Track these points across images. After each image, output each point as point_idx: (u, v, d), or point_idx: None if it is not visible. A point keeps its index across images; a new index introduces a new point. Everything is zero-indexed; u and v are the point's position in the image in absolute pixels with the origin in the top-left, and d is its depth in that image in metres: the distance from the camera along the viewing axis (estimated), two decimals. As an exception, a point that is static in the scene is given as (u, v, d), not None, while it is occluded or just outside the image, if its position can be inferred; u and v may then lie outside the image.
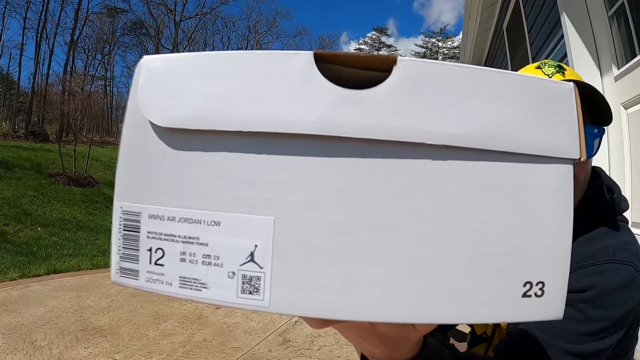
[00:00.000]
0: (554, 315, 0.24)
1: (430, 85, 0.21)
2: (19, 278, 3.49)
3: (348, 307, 0.21)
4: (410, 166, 0.21)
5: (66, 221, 6.64)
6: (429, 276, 0.21)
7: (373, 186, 0.21)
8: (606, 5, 2.09)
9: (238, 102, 0.21)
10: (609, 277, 0.55)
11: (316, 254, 0.21)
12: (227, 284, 0.22)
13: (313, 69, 0.21)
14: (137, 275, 0.23)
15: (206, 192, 0.22)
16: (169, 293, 0.23)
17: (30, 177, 8.51)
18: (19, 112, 24.71)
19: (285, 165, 0.21)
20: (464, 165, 0.22)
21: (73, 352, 1.97)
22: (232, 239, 0.22)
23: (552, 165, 0.22)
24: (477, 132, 0.21)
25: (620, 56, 2.03)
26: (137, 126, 0.23)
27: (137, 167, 0.23)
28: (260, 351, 2.05)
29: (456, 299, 0.22)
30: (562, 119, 0.22)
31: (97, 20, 28.48)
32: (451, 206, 0.21)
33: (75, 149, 9.61)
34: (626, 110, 1.95)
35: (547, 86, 0.22)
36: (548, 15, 2.71)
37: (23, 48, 25.03)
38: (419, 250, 0.21)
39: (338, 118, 0.21)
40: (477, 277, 0.22)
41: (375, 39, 39.81)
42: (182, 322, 2.45)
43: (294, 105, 0.21)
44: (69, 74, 19.31)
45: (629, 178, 1.93)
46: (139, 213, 0.23)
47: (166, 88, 0.23)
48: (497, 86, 0.22)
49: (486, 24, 5.21)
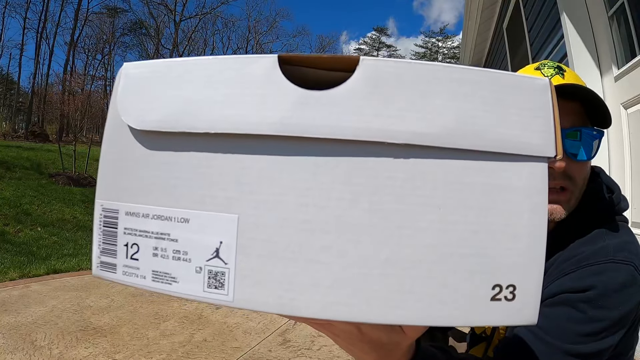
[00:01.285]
0: (527, 321, 0.22)
1: (392, 84, 0.21)
2: (19, 278, 3.49)
3: (308, 305, 0.21)
4: (370, 165, 0.21)
5: (66, 221, 6.64)
6: (390, 276, 0.21)
7: (333, 186, 0.21)
8: (606, 5, 2.09)
9: (205, 106, 0.22)
10: (610, 277, 0.55)
11: (277, 252, 0.21)
12: (194, 278, 0.22)
13: (276, 71, 0.22)
14: (115, 269, 0.24)
15: (176, 191, 0.23)
16: (143, 286, 0.24)
17: (30, 177, 8.51)
18: (19, 112, 24.71)
19: (248, 165, 0.22)
20: (427, 163, 0.21)
21: (73, 352, 1.97)
22: (199, 236, 0.22)
23: (525, 164, 0.22)
24: (440, 130, 0.21)
25: (620, 56, 2.02)
26: (116, 129, 0.24)
27: (116, 167, 0.24)
28: (260, 351, 2.05)
29: (420, 300, 0.21)
30: (536, 116, 0.22)
31: (97, 20, 28.48)
32: (413, 205, 0.21)
33: (75, 149, 9.61)
34: (626, 110, 1.95)
35: (521, 82, 0.22)
36: (548, 15, 2.71)
37: (23, 48, 25.06)
38: (379, 250, 0.21)
39: (298, 119, 0.21)
40: (442, 278, 0.21)
41: (375, 39, 39.82)
42: (182, 322, 2.45)
43: (255, 107, 0.21)
44: (69, 74, 19.32)
45: (629, 178, 1.93)
46: (117, 210, 0.24)
47: (142, 93, 0.24)
48: (464, 83, 0.21)
49: (486, 24, 5.21)
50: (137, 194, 0.24)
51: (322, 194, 0.21)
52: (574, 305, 0.55)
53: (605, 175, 0.69)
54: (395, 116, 0.21)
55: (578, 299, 0.55)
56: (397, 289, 0.21)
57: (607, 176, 0.69)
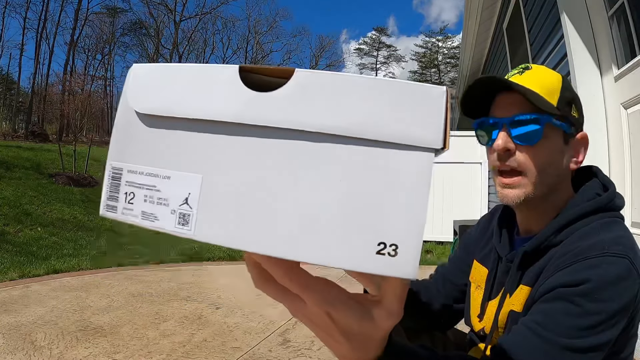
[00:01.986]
0: (406, 274, 0.28)
1: (315, 89, 0.30)
2: (19, 278, 3.49)
3: (243, 239, 0.31)
4: (293, 146, 0.30)
5: (66, 221, 6.64)
6: (302, 225, 0.29)
7: (268, 158, 0.31)
8: (606, 5, 2.09)
9: (187, 99, 0.33)
10: (605, 270, 0.55)
11: (227, 202, 0.31)
12: (170, 218, 0.33)
13: (236, 77, 0.32)
14: (116, 210, 0.35)
15: (163, 157, 0.34)
16: (134, 222, 0.34)
17: (30, 177, 8.51)
18: (19, 112, 24.70)
19: (213, 141, 0.32)
20: (336, 147, 0.29)
21: (73, 352, 1.97)
22: (175, 189, 0.33)
23: (417, 153, 0.29)
24: (348, 123, 0.29)
25: (620, 56, 2.03)
26: (125, 111, 0.35)
27: (123, 138, 0.35)
28: (260, 351, 2.05)
29: (321, 246, 0.29)
30: (430, 116, 0.29)
31: (97, 20, 28.49)
32: (323, 175, 0.30)
33: (75, 149, 9.61)
34: (626, 110, 1.95)
35: (421, 90, 0.29)
36: (548, 15, 2.71)
37: (23, 48, 25.05)
38: (296, 205, 0.30)
39: (248, 111, 0.31)
40: (339, 231, 0.29)
41: (375, 39, 39.82)
42: (182, 322, 2.45)
43: (220, 102, 0.32)
44: (69, 74, 19.31)
45: (629, 178, 1.93)
46: (122, 169, 0.35)
47: (145, 87, 0.35)
48: (373, 89, 0.29)
49: (486, 24, 5.21)
50: (137, 158, 0.34)
51: (260, 163, 0.31)
52: (570, 299, 0.55)
53: (602, 174, 0.70)
54: (314, 112, 0.30)
55: (574, 293, 0.55)
56: (306, 235, 0.29)
57: (603, 175, 0.70)
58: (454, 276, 0.88)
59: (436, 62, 37.86)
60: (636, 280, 0.56)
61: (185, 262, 4.49)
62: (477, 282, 0.80)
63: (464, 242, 0.91)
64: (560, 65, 2.48)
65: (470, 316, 0.80)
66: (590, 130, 2.06)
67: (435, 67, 37.91)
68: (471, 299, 0.81)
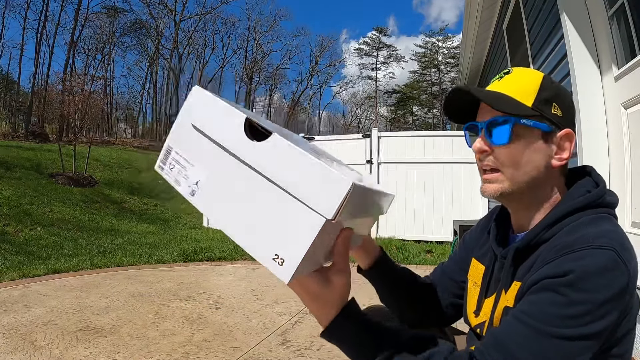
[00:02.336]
0: (282, 279, 0.49)
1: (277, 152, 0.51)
2: (19, 278, 3.49)
3: (217, 220, 0.54)
4: (255, 177, 0.52)
5: (66, 221, 6.64)
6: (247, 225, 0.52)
7: (242, 177, 0.53)
8: (606, 5, 2.09)
9: (216, 127, 0.56)
10: (589, 261, 0.56)
11: (217, 192, 0.55)
12: (187, 189, 0.57)
13: (242, 126, 0.54)
14: (163, 170, 0.60)
15: (195, 153, 0.57)
16: (169, 181, 0.59)
17: (30, 177, 8.51)
18: (19, 112, 24.68)
19: (221, 156, 0.55)
20: (273, 187, 0.50)
21: (73, 352, 1.97)
22: (194, 173, 0.57)
23: (314, 213, 0.48)
24: (284, 179, 0.50)
25: (620, 56, 2.02)
26: (184, 119, 0.59)
27: (179, 130, 0.59)
28: (260, 351, 2.05)
29: (252, 240, 0.51)
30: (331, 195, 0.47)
31: (97, 20, 28.47)
32: (263, 201, 0.51)
33: (75, 149, 9.60)
34: (626, 110, 1.95)
35: (329, 175, 0.47)
36: (548, 15, 2.71)
37: (23, 48, 25.03)
38: (248, 210, 0.52)
39: (240, 148, 0.53)
40: (260, 236, 0.50)
41: (375, 39, 39.80)
42: (182, 322, 2.45)
43: (229, 136, 0.54)
44: (69, 74, 19.30)
45: (629, 178, 1.92)
46: (172, 148, 0.60)
47: (198, 110, 0.58)
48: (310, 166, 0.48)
49: (486, 24, 5.21)
50: (182, 146, 0.59)
51: (238, 177, 0.53)
52: (556, 289, 0.56)
53: (596, 173, 0.72)
54: (270, 164, 0.51)
55: (559, 283, 0.56)
56: (249, 230, 0.51)
57: (597, 174, 0.72)
58: (455, 274, 0.90)
59: (436, 62, 37.80)
60: (624, 272, 0.56)
61: (185, 262, 4.49)
62: (474, 279, 0.81)
63: (464, 241, 0.93)
64: (560, 65, 2.48)
65: (467, 313, 0.82)
66: (590, 130, 2.07)
67: (435, 67, 37.85)
68: (468, 296, 0.83)
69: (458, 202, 5.77)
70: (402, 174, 5.99)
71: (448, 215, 5.69)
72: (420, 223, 5.91)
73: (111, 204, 8.63)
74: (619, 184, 1.98)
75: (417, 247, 5.31)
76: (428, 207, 5.89)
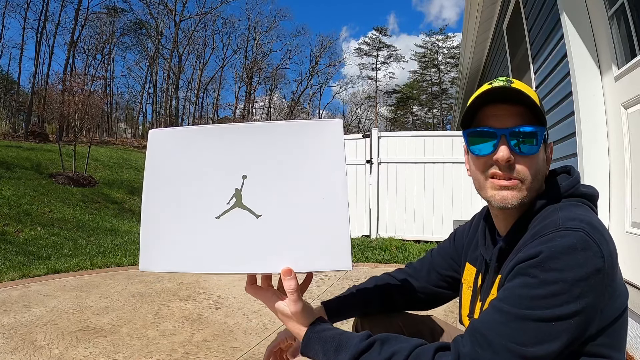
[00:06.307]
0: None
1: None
2: (19, 278, 3.49)
3: None
4: None
5: (66, 221, 6.64)
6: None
7: None
8: (606, 5, 2.09)
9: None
10: (557, 242, 0.56)
11: None
12: None
13: None
14: None
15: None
16: None
17: (30, 177, 8.51)
18: (19, 112, 24.68)
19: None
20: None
21: (73, 352, 1.97)
22: None
23: None
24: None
25: (620, 56, 2.02)
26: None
27: None
28: (261, 351, 2.05)
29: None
30: None
31: (97, 20, 28.45)
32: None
33: (75, 149, 9.60)
34: (626, 110, 1.95)
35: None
36: (548, 15, 2.71)
37: (23, 48, 25.04)
38: None
39: None
40: None
41: (375, 39, 39.80)
42: (182, 322, 2.45)
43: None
44: (69, 74, 19.29)
45: (629, 178, 1.92)
46: None
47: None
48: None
49: (486, 24, 5.21)
50: None
51: None
52: (525, 272, 0.57)
53: (573, 170, 0.74)
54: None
55: (528, 265, 0.57)
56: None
57: (574, 170, 0.74)
58: (440, 267, 0.93)
59: (436, 62, 37.81)
60: (597, 253, 0.55)
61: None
62: (468, 282, 0.83)
63: (454, 236, 0.95)
64: (560, 65, 2.48)
65: (462, 316, 0.83)
66: (590, 130, 2.07)
67: (435, 67, 37.88)
68: (463, 299, 0.84)
69: (458, 202, 5.76)
70: (402, 173, 5.99)
71: (448, 215, 5.69)
72: (420, 223, 5.91)
73: (111, 204, 8.63)
74: (619, 184, 1.98)
75: (417, 247, 5.31)
76: (428, 207, 5.88)
